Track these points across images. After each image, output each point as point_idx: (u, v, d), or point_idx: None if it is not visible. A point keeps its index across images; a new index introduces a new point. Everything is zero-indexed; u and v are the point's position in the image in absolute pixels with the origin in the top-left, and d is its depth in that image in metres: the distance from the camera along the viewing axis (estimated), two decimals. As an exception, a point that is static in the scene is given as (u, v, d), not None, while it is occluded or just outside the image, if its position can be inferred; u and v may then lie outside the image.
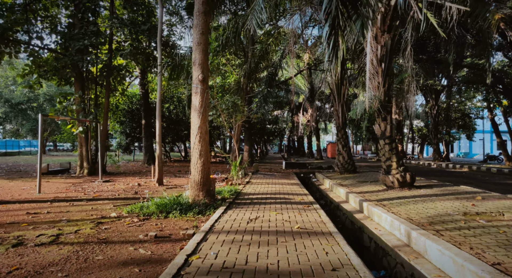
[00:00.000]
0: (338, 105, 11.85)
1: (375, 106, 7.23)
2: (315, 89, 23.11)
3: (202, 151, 5.64)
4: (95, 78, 11.29)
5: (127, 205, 5.56)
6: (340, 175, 11.60)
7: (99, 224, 4.25)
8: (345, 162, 11.68)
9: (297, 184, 9.55)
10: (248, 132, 18.09)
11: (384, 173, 7.34)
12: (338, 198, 7.76)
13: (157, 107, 8.69)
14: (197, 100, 5.67)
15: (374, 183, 8.57)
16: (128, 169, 14.76)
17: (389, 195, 6.49)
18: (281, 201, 6.19)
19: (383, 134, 7.40)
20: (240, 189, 7.80)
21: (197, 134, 5.65)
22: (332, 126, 51.77)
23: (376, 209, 5.21)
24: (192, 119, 5.75)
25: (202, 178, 5.61)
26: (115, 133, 20.96)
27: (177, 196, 5.82)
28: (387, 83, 7.35)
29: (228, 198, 6.45)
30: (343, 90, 11.77)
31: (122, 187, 8.09)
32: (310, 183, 12.36)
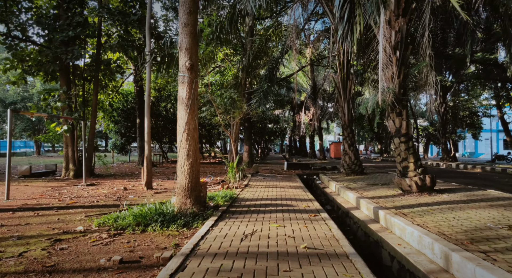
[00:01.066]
0: (343, 101, 10.98)
1: (389, 100, 6.37)
2: (317, 86, 22.25)
3: (190, 151, 4.80)
4: (82, 73, 10.47)
5: (102, 215, 4.72)
6: (347, 176, 10.74)
7: (56, 243, 3.42)
8: (352, 162, 10.82)
9: (300, 187, 8.69)
10: (247, 131, 17.24)
11: (399, 175, 6.48)
12: (347, 203, 6.90)
13: (146, 102, 7.87)
14: (184, 91, 4.83)
15: (386, 186, 7.70)
16: (120, 170, 13.95)
17: (408, 201, 5.63)
18: (283, 209, 5.33)
19: (398, 131, 6.53)
20: (237, 194, 6.95)
21: (184, 132, 4.81)
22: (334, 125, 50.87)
23: (396, 219, 4.35)
24: (178, 114, 4.91)
25: (190, 182, 4.76)
26: (109, 133, 20.17)
27: (161, 204, 4.98)
28: (402, 73, 6.49)
29: (222, 205, 5.60)
30: (349, 86, 10.91)
31: (105, 191, 7.25)
32: (314, 186, 11.49)
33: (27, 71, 10.57)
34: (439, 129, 21.02)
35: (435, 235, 3.57)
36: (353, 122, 11.24)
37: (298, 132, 29.91)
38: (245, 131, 17.32)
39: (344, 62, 10.81)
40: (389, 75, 6.43)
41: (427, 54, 6.36)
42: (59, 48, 9.29)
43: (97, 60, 10.36)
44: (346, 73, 10.86)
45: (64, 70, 10.31)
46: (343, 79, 10.93)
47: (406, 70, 6.53)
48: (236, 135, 11.32)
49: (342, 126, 11.28)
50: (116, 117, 19.11)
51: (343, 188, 7.96)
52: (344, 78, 10.91)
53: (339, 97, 11.17)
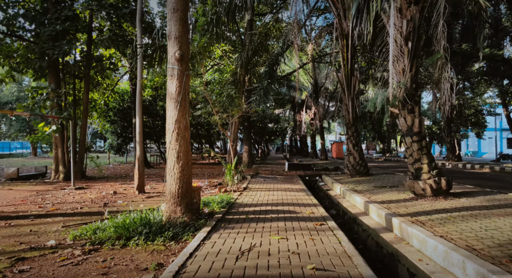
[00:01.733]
0: (348, 99, 10.44)
1: (400, 95, 5.83)
2: (319, 85, 21.71)
3: (181, 152, 4.27)
4: (73, 71, 9.94)
5: (82, 225, 4.20)
6: (351, 178, 10.20)
7: (18, 262, 2.89)
8: (357, 163, 10.28)
9: (302, 189, 8.16)
10: (247, 131, 16.72)
11: (412, 177, 5.93)
12: (354, 208, 6.37)
13: (137, 100, 7.34)
14: (173, 85, 4.30)
15: (396, 189, 7.16)
16: (115, 172, 13.43)
17: (423, 207, 5.09)
18: (285, 216, 4.80)
19: (410, 130, 6.00)
20: (235, 198, 6.42)
21: (174, 131, 4.28)
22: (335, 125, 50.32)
23: (414, 229, 3.82)
24: (167, 111, 4.38)
25: (181, 188, 4.23)
26: (105, 133, 19.65)
27: (149, 211, 4.45)
28: (414, 66, 5.95)
29: (218, 212, 5.07)
30: (354, 82, 10.36)
31: (93, 196, 6.73)
32: (317, 188, 10.96)
33: (15, 69, 10.06)
34: (444, 128, 20.47)
35: (465, 251, 3.04)
36: (357, 121, 10.71)
37: (299, 132, 29.38)
38: (244, 131, 16.79)
39: (348, 58, 10.26)
40: (400, 69, 5.89)
41: (442, 46, 5.83)
42: (46, 43, 8.77)
43: (88, 56, 9.83)
44: (350, 69, 10.32)
45: (53, 67, 9.78)
46: (347, 75, 10.39)
47: (418, 63, 5.99)
48: (235, 135, 10.79)
49: (346, 125, 10.74)
50: (112, 117, 18.59)
51: (348, 190, 7.42)
52: (348, 74, 10.37)
53: (343, 95, 10.63)
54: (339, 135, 48.38)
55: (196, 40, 6.56)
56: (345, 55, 10.31)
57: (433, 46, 6.20)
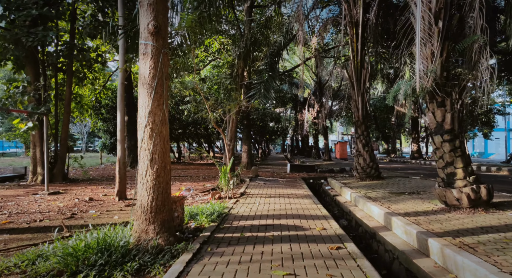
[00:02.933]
0: (357, 94, 9.44)
1: (429, 85, 4.83)
2: (322, 82, 20.70)
3: (156, 153, 3.28)
4: (52, 61, 8.96)
5: (29, 247, 3.22)
6: (361, 181, 9.20)
7: None
8: (367, 165, 9.26)
9: (308, 196, 7.16)
10: (246, 130, 15.73)
11: (442, 184, 4.93)
12: (370, 219, 5.37)
13: (119, 90, 6.36)
14: (146, 66, 3.31)
15: (417, 197, 6.16)
16: (103, 173, 12.45)
17: (462, 222, 4.09)
18: (290, 235, 3.81)
19: (440, 127, 5.00)
20: (230, 208, 5.43)
21: (147, 125, 3.28)
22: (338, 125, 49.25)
23: (466, 260, 2.82)
24: (139, 100, 3.39)
25: (155, 200, 3.24)
26: (98, 132, 18.70)
27: (116, 228, 3.46)
28: (446, 50, 4.94)
29: (206, 227, 4.07)
30: (364, 76, 9.36)
31: (63, 203, 5.74)
32: (322, 192, 9.96)
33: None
34: (455, 127, 19.44)
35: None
36: (368, 118, 9.71)
37: (301, 132, 28.37)
38: (244, 130, 15.81)
39: (358, 49, 9.26)
40: (428, 53, 4.88)
41: (479, 26, 4.83)
42: (21, 30, 7.79)
43: (71, 46, 8.85)
44: (360, 61, 9.31)
45: (31, 58, 8.81)
46: (357, 68, 9.38)
47: (451, 47, 4.98)
48: (232, 134, 9.81)
49: (355, 123, 9.73)
50: (104, 114, 17.65)
51: (361, 197, 6.42)
52: (358, 67, 9.37)
53: (352, 90, 9.63)
54: (342, 135, 47.36)
55: (183, 18, 5.56)
56: (355, 45, 9.31)
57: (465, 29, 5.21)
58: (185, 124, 20.38)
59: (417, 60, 4.62)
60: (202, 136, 25.04)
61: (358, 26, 9.05)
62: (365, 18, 9.10)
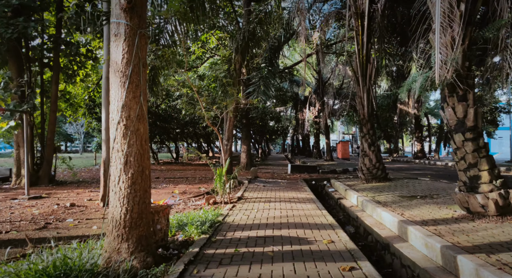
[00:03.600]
0: (362, 90, 8.87)
1: (449, 76, 4.25)
2: (324, 79, 20.12)
3: (132, 156, 2.71)
4: (35, 55, 8.39)
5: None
6: (367, 183, 8.64)
7: None
8: (373, 165, 8.70)
9: (311, 200, 6.59)
10: (246, 129, 15.17)
11: (465, 189, 4.36)
12: (381, 227, 4.80)
13: (103, 85, 5.79)
14: (119, 50, 2.74)
15: (431, 201, 5.59)
16: (95, 175, 11.89)
17: (492, 234, 3.52)
18: (293, 250, 3.24)
19: (461, 124, 4.43)
20: (224, 215, 4.86)
21: (120, 122, 2.72)
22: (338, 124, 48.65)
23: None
24: (111, 91, 2.82)
25: (130, 212, 2.67)
26: (92, 132, 18.13)
27: (84, 245, 2.89)
28: (468, 37, 4.37)
29: (196, 240, 3.51)
30: (370, 70, 8.79)
31: (40, 210, 5.18)
32: (326, 194, 9.40)
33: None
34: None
35: None
36: (374, 116, 9.15)
37: (301, 131, 27.81)
38: (243, 129, 15.25)
39: (363, 41, 8.69)
40: (448, 40, 4.31)
41: (505, 9, 4.26)
42: (0, 21, 7.22)
43: (55, 39, 8.28)
44: (366, 55, 8.74)
45: (14, 52, 8.24)
46: (362, 63, 8.81)
47: (474, 33, 4.41)
48: (229, 133, 9.24)
49: (360, 121, 9.16)
50: (99, 113, 17.06)
51: (369, 202, 5.86)
52: (364, 61, 8.79)
53: (357, 86, 9.06)
54: (343, 134, 46.78)
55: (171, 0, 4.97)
56: (360, 38, 8.74)
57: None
58: (183, 124, 19.83)
59: (436, 46, 4.05)
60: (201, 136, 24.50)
61: (363, 18, 8.48)
62: (371, 9, 8.53)
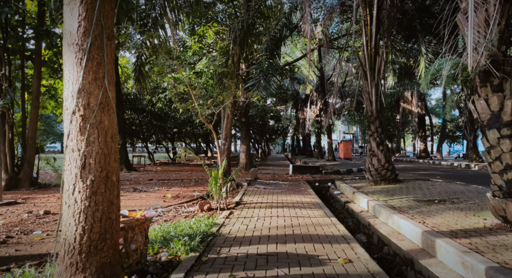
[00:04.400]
0: (370, 85, 8.22)
1: (482, 63, 3.60)
2: (326, 77, 19.48)
3: (92, 157, 2.05)
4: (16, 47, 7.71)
5: None
6: (375, 185, 7.99)
7: None
8: (382, 166, 8.05)
9: (317, 204, 5.93)
10: (245, 128, 14.52)
11: (501, 194, 3.71)
12: (400, 237, 4.15)
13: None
14: (74, 17, 2.07)
15: (453, 207, 4.95)
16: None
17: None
18: (303, 274, 2.58)
19: (496, 118, 3.78)
20: (220, 225, 4.20)
21: (76, 112, 2.05)
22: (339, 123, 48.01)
23: None
24: (64, 70, 2.15)
25: (89, 232, 2.01)
26: (85, 131, 17.42)
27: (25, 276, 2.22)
28: (505, 16, 3.73)
29: (183, 260, 2.85)
30: (379, 63, 8.14)
31: (8, 219, 4.50)
32: (331, 197, 8.75)
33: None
34: (467, 124, 18.27)
35: None
36: (382, 113, 8.51)
37: (302, 130, 27.17)
38: (242, 128, 14.61)
39: (372, 32, 8.04)
40: (481, 19, 3.66)
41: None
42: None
43: (37, 29, 7.60)
44: (374, 47, 8.09)
45: (-8, 44, 7.57)
46: (370, 55, 8.16)
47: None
48: (227, 132, 8.59)
49: (368, 118, 8.51)
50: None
51: (382, 207, 5.21)
52: (372, 53, 8.15)
53: (364, 80, 8.41)
54: (343, 134, 46.17)
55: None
56: (368, 29, 8.09)
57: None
58: (180, 123, 19.18)
59: (469, 25, 3.39)
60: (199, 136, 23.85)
61: (372, 6, 7.84)
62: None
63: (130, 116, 18.27)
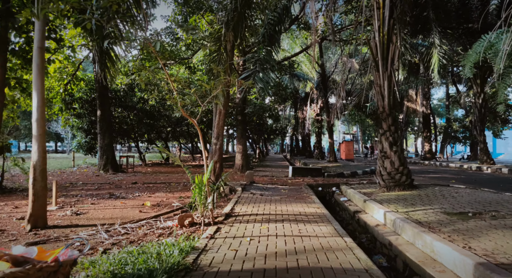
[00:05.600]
0: (382, 76, 7.23)
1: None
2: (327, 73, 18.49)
3: None
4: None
5: None
6: (388, 191, 6.99)
7: None
8: (395, 170, 7.06)
9: (324, 217, 4.91)
10: (241, 127, 13.51)
11: None
12: (438, 266, 3.14)
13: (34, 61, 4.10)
14: None
15: (498, 223, 3.94)
16: (66, 179, 10.18)
17: None
18: None
19: None
20: (200, 249, 3.16)
21: None
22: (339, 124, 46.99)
23: None
24: None
25: None
26: (72, 129, 16.37)
27: None
28: None
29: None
30: (393, 51, 7.15)
31: None
32: (336, 204, 7.73)
33: None
34: (476, 125, 17.31)
35: None
36: (396, 108, 7.52)
37: (302, 130, 26.19)
38: (238, 127, 13.60)
39: (384, 17, 7.05)
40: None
41: None
42: None
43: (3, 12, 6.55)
44: (387, 33, 7.09)
45: None
46: (383, 43, 7.16)
47: None
48: (219, 130, 7.57)
49: (379, 115, 7.51)
50: (78, 110, 15.33)
51: (405, 222, 4.21)
52: (384, 41, 7.14)
53: (375, 72, 7.40)
54: (343, 134, 45.21)
55: None
56: (380, 12, 7.09)
57: None
58: (174, 122, 18.15)
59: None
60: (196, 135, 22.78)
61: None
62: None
63: (120, 114, 17.21)
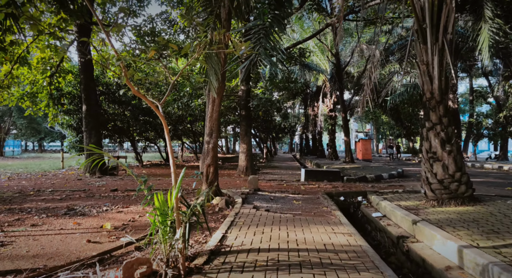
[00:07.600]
0: (431, 50, 5.35)
1: None
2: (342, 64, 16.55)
3: None
4: None
5: None
6: (439, 206, 5.14)
7: None
8: (450, 176, 5.19)
9: (366, 257, 3.07)
10: (245, 123, 11.78)
11: None
12: None
13: None
14: None
15: None
16: (36, 185, 8.66)
17: None
18: None
19: None
20: None
21: None
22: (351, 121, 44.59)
23: None
24: None
25: None
26: (61, 126, 14.96)
27: None
28: None
29: None
30: (445, 16, 5.26)
31: None
32: (364, 219, 5.88)
33: None
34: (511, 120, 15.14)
35: None
36: (448, 94, 5.67)
37: (313, 128, 24.26)
38: (242, 123, 11.86)
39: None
40: None
41: None
42: None
43: None
44: (439, -11, 5.20)
45: None
46: (432, 3, 5.27)
47: None
48: (212, 124, 5.86)
49: (425, 102, 5.64)
50: (67, 105, 13.90)
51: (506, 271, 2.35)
52: (435, 1, 5.26)
53: (420, 44, 5.52)
54: (356, 132, 42.88)
55: None
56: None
57: None
58: (176, 120, 16.58)
59: None
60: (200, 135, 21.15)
61: None
62: None
63: (114, 110, 15.73)
